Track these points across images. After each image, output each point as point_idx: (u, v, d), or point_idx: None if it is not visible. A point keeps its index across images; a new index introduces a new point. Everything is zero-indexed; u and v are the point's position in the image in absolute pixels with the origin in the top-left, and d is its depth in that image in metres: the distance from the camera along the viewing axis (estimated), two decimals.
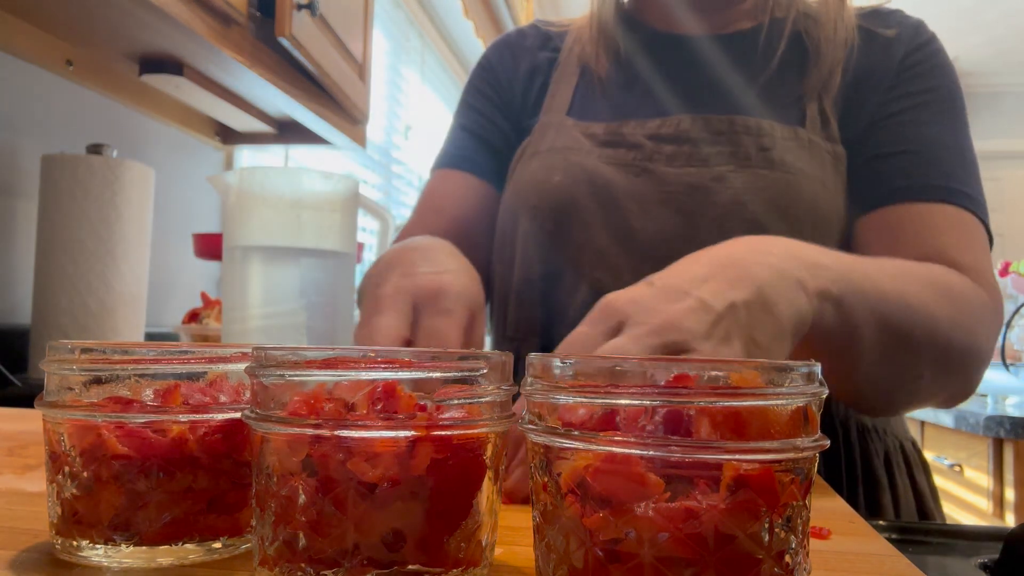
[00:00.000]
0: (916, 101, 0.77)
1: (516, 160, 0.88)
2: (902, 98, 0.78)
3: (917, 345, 0.62)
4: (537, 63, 0.93)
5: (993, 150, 4.78)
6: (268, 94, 1.38)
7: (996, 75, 4.78)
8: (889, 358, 0.61)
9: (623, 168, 0.79)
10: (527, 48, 0.95)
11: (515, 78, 0.93)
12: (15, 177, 1.20)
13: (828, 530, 0.42)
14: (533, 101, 0.92)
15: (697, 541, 0.26)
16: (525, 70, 0.93)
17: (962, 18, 3.98)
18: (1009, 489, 2.06)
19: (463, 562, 0.31)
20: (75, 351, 0.35)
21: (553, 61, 0.93)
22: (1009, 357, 2.51)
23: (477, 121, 0.93)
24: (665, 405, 0.27)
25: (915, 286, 0.63)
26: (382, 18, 2.34)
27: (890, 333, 0.60)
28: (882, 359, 0.61)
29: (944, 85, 0.79)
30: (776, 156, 0.75)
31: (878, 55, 0.80)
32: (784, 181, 0.74)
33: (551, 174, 0.81)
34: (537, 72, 0.93)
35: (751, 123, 0.77)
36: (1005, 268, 2.76)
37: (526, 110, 0.92)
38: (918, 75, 0.79)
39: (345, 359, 0.30)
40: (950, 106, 0.78)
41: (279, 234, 0.73)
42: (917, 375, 0.65)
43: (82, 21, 1.12)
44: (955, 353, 0.65)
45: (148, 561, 0.34)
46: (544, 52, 0.94)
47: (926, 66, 0.79)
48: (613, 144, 0.81)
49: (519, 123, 0.92)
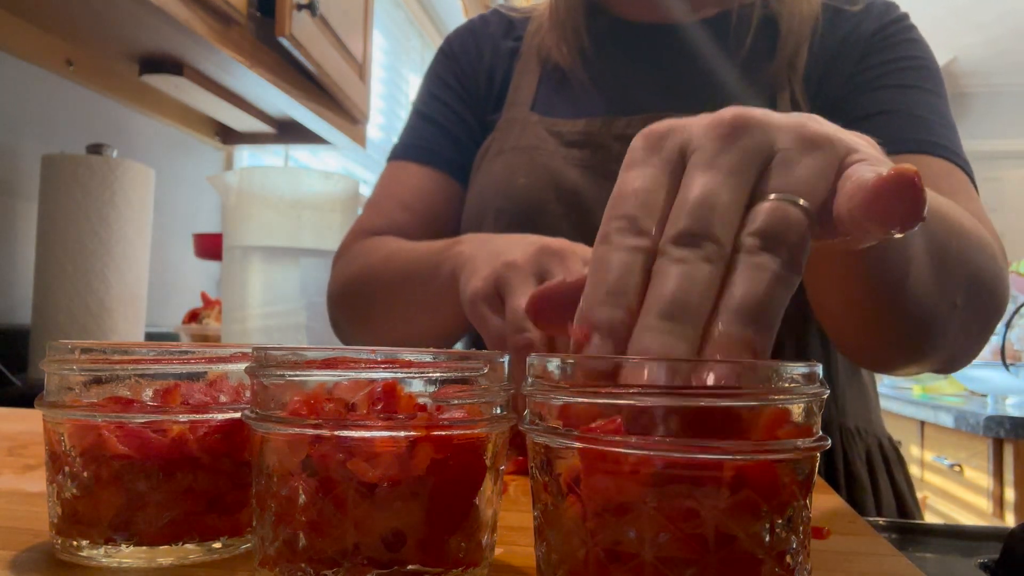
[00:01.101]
0: (892, 68, 0.75)
1: (480, 158, 0.85)
2: (876, 66, 0.76)
3: (954, 265, 0.58)
4: (500, 52, 0.89)
5: (993, 150, 4.78)
6: (268, 94, 1.39)
7: (994, 75, 4.78)
8: (932, 275, 0.56)
9: (589, 171, 0.77)
10: (490, 35, 0.91)
11: (479, 67, 0.89)
12: (15, 177, 1.20)
13: (828, 530, 0.42)
14: (496, 93, 0.88)
15: (698, 541, 0.26)
16: (488, 59, 0.89)
17: (960, 18, 3.98)
18: (1009, 489, 2.06)
19: (463, 562, 0.31)
20: (75, 351, 0.35)
21: (515, 51, 0.89)
22: (1009, 357, 2.51)
23: (441, 112, 0.88)
24: (665, 405, 0.27)
25: (944, 206, 0.59)
26: (382, 18, 2.34)
27: (934, 246, 0.55)
28: (926, 276, 0.55)
29: (921, 56, 0.77)
30: None
31: (846, 30, 0.79)
32: None
33: (515, 175, 0.79)
34: (499, 62, 0.89)
35: None
36: None
37: (489, 103, 0.88)
38: (892, 45, 0.77)
39: (345, 359, 0.30)
40: (927, 75, 0.76)
41: (279, 234, 0.73)
42: (952, 302, 0.60)
43: (82, 21, 1.12)
44: (984, 282, 0.62)
45: (148, 561, 0.34)
46: (507, 41, 0.90)
47: (901, 38, 0.78)
48: (579, 145, 0.78)
49: (483, 116, 0.88)
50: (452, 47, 0.92)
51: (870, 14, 0.79)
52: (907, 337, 0.62)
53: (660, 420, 0.27)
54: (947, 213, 0.57)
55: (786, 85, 0.78)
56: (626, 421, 0.27)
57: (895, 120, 0.72)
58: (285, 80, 1.33)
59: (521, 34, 0.90)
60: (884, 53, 0.77)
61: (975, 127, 4.73)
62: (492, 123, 0.86)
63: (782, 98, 0.77)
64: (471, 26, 0.93)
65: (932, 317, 0.60)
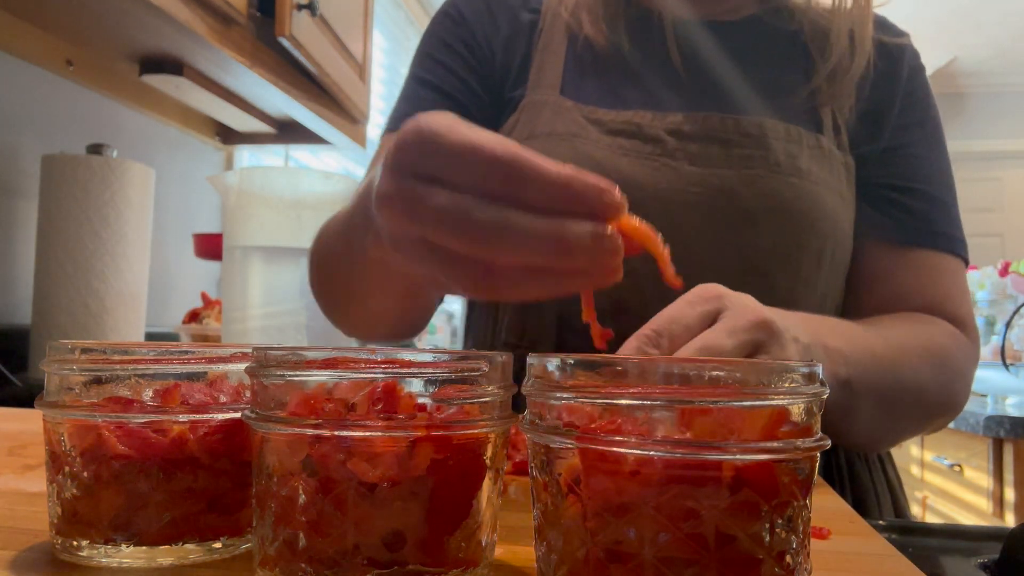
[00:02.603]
0: (923, 132, 0.80)
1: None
2: (911, 127, 0.80)
3: (905, 409, 0.71)
4: (519, 24, 0.81)
5: (993, 150, 4.77)
6: (268, 94, 1.39)
7: (996, 75, 4.78)
8: (879, 420, 0.68)
9: (642, 162, 0.73)
10: (507, 4, 0.83)
11: (494, 36, 0.81)
12: (15, 177, 1.20)
13: (828, 530, 0.42)
14: (518, 68, 0.80)
15: (698, 541, 0.26)
16: (506, 30, 0.81)
17: (962, 18, 3.98)
18: (1009, 489, 2.06)
19: (463, 562, 0.31)
20: (75, 351, 0.35)
21: (534, 24, 0.81)
22: (1009, 357, 2.51)
23: (445, 78, 0.79)
24: (665, 405, 0.27)
25: (912, 358, 0.70)
26: (382, 18, 2.34)
27: (884, 403, 0.67)
28: (873, 422, 0.68)
29: (936, 112, 0.83)
30: (803, 164, 0.73)
31: (886, 71, 0.80)
32: (812, 192, 0.73)
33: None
34: (519, 35, 0.81)
35: (780, 128, 0.74)
36: (1005, 268, 2.75)
37: (508, 77, 0.80)
38: (919, 100, 0.81)
39: (345, 359, 0.30)
40: (942, 135, 0.83)
41: (279, 234, 0.73)
42: (902, 429, 0.75)
43: (82, 21, 1.12)
44: (937, 408, 0.75)
45: (148, 561, 0.34)
46: (525, 12, 0.82)
47: (925, 90, 0.82)
48: (627, 134, 0.74)
49: (499, 92, 0.81)
50: (460, 9, 0.83)
51: (904, 58, 0.81)
52: (854, 448, 0.77)
53: (659, 419, 0.27)
54: (911, 378, 0.69)
55: (828, 100, 0.78)
56: (626, 421, 0.27)
57: (927, 202, 0.78)
58: (285, 80, 1.33)
59: (537, 7, 0.82)
60: (915, 111, 0.81)
61: (975, 127, 4.73)
62: (513, 101, 0.79)
63: (825, 113, 0.78)
64: None
65: (880, 439, 0.74)
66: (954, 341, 0.75)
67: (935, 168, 0.80)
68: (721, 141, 0.73)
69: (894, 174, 0.79)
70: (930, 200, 0.78)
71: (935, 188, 0.79)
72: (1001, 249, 4.34)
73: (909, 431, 0.77)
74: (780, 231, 0.71)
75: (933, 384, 0.72)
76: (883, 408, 0.67)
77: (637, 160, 0.72)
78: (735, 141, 0.73)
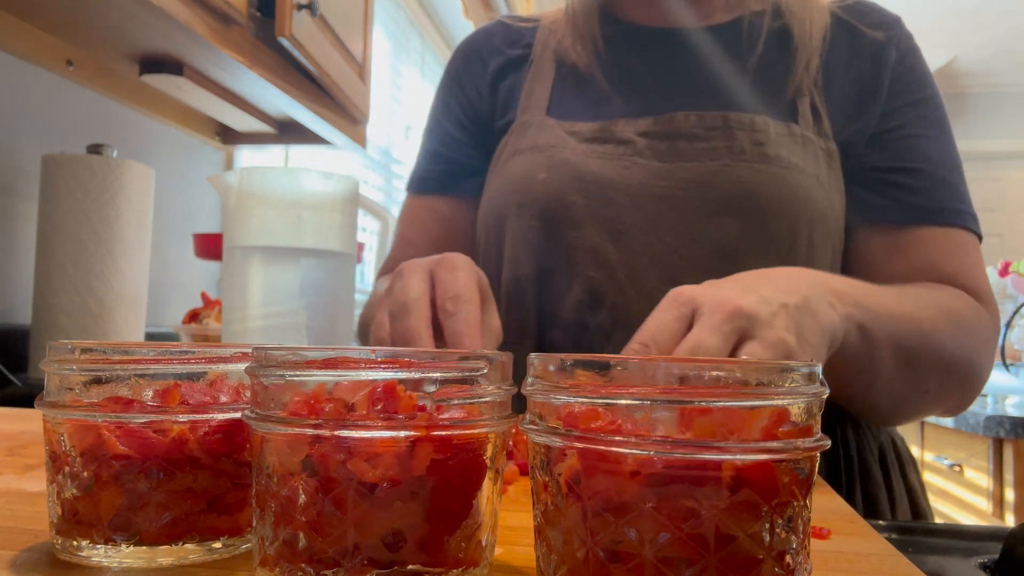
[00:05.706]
0: (916, 113, 0.80)
1: (495, 161, 0.87)
2: (903, 109, 0.80)
3: (925, 365, 0.69)
4: (508, 60, 0.91)
5: (993, 150, 4.77)
6: (268, 94, 1.38)
7: (996, 75, 4.78)
8: (900, 375, 0.67)
9: (613, 162, 0.78)
10: (495, 48, 0.93)
11: (482, 85, 0.92)
12: (15, 177, 1.20)
13: (828, 530, 0.42)
14: (502, 101, 0.90)
15: (698, 541, 0.26)
16: (493, 71, 0.91)
17: (962, 18, 3.98)
18: (1009, 489, 2.06)
19: (463, 562, 0.31)
20: (75, 351, 0.35)
21: (525, 58, 0.90)
22: (1009, 357, 2.51)
23: (446, 142, 0.92)
24: (665, 405, 0.27)
25: (927, 312, 0.68)
26: (382, 18, 2.34)
27: (903, 354, 0.66)
28: (894, 376, 0.67)
29: (934, 92, 0.82)
30: (771, 151, 0.76)
31: (868, 59, 0.81)
32: (780, 176, 0.75)
33: (535, 172, 0.79)
34: (507, 70, 0.91)
35: (744, 119, 0.77)
36: (1005, 268, 2.75)
37: (495, 112, 0.90)
38: (912, 82, 0.81)
39: (345, 359, 0.30)
40: (942, 114, 0.82)
41: (279, 234, 0.73)
42: (923, 389, 0.71)
43: (82, 21, 1.12)
44: (957, 371, 0.72)
45: (148, 561, 0.34)
46: (514, 49, 0.92)
47: (918, 72, 0.82)
48: (601, 140, 0.80)
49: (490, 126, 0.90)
50: (457, 69, 0.94)
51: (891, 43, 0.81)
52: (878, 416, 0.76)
53: (659, 420, 0.27)
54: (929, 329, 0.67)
55: (806, 92, 0.80)
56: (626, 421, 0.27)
57: (924, 180, 0.78)
58: (285, 80, 1.33)
59: (530, 41, 0.91)
60: (907, 93, 0.80)
61: (975, 127, 4.73)
62: (502, 128, 0.88)
63: (803, 103, 0.79)
64: (474, 42, 0.96)
65: (903, 400, 0.72)
66: (972, 308, 0.74)
67: (934, 147, 0.79)
68: (687, 136, 0.78)
69: (890, 156, 0.79)
70: (931, 178, 0.78)
71: (936, 167, 0.78)
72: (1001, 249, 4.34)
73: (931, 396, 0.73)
74: (747, 216, 0.74)
75: (952, 342, 0.70)
76: (902, 361, 0.66)
77: (609, 161, 0.78)
78: (700, 135, 0.77)
